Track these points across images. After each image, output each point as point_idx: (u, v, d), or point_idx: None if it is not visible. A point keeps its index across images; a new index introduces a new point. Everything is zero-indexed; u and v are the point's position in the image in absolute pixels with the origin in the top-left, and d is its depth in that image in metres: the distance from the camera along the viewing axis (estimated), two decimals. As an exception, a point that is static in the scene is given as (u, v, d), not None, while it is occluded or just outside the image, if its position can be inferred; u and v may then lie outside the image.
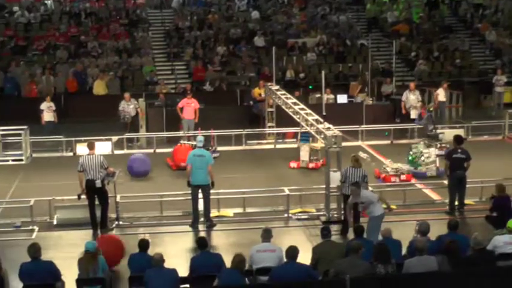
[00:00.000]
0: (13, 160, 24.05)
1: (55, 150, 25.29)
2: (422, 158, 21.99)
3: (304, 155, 23.08)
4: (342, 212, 17.51)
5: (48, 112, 27.47)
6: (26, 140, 24.48)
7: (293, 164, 23.15)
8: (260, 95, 29.15)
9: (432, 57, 37.61)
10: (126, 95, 27.79)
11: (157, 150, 25.55)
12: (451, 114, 31.81)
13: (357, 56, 37.12)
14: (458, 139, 19.13)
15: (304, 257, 13.00)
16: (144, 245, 13.40)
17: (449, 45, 38.76)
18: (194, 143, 20.75)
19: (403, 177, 21.38)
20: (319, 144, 21.53)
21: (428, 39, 39.10)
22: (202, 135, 19.13)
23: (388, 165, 21.84)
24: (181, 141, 23.63)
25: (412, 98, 28.58)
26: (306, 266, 12.75)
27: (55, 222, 18.40)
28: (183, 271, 12.83)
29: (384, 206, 16.34)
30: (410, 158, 22.23)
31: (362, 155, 21.57)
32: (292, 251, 12.61)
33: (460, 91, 33.05)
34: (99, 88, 32.83)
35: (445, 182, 19.13)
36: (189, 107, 27.11)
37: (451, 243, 12.82)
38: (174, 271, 12.45)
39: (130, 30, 38.57)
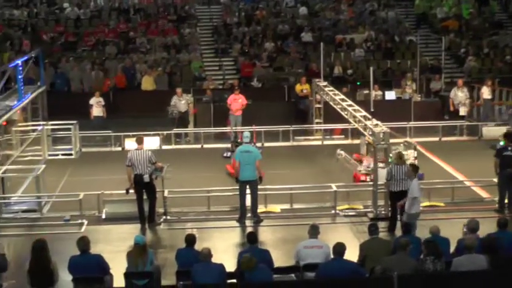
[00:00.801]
0: (63, 154, 24.31)
1: (104, 145, 25.52)
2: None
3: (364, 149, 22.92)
4: (389, 209, 17.42)
5: (97, 107, 27.75)
6: (75, 135, 24.73)
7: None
8: (302, 91, 29.09)
9: (482, 53, 37.17)
10: (178, 90, 27.90)
11: (205, 146, 25.63)
12: (500, 111, 31.39)
13: (406, 52, 36.81)
14: (509, 136, 18.87)
15: (351, 254, 12.94)
16: (191, 239, 13.44)
17: (499, 41, 38.24)
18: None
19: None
20: None
21: (478, 36, 38.64)
22: (249, 131, 19.13)
23: (365, 163, 21.67)
24: None
25: (460, 95, 28.32)
26: (352, 263, 12.69)
27: (104, 216, 18.58)
28: (230, 266, 12.85)
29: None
30: (389, 159, 21.83)
31: (339, 152, 21.50)
32: (339, 248, 12.55)
33: (510, 88, 32.61)
34: (147, 84, 33.01)
35: (495, 179, 18.90)
36: (237, 103, 27.21)
37: (491, 240, 12.64)
38: (221, 266, 12.47)
39: (179, 26, 38.70)
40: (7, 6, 40.16)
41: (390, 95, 30.41)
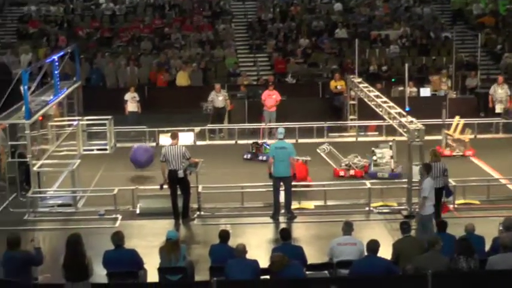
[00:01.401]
0: (98, 149, 24.42)
1: (138, 140, 25.63)
2: (375, 158, 21.45)
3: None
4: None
5: (132, 102, 27.87)
6: (110, 130, 24.84)
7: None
8: (336, 87, 29.00)
9: (519, 50, 36.84)
10: (217, 85, 27.87)
11: (239, 142, 25.66)
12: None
13: (441, 48, 36.56)
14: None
15: (385, 252, 12.89)
16: (224, 235, 13.46)
17: (536, 38, 37.91)
18: (304, 158, 20.74)
19: (351, 172, 21.22)
20: (467, 135, 21.52)
21: (515, 32, 38.32)
22: (284, 128, 19.12)
23: (349, 159, 21.59)
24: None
25: (499, 92, 28.08)
26: (386, 261, 12.65)
27: (138, 211, 18.68)
28: (263, 262, 12.84)
29: None
30: (373, 157, 21.73)
31: (322, 147, 21.41)
32: (373, 245, 12.51)
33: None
34: (181, 79, 33.09)
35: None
36: (271, 99, 27.21)
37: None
38: (255, 262, 12.49)
39: (214, 22, 38.79)
40: (44, 3, 40.53)
41: (425, 92, 30.22)
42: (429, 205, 15.77)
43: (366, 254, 12.66)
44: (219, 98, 27.36)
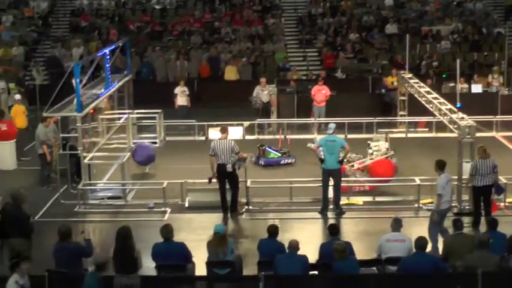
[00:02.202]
0: (147, 143, 24.57)
1: (188, 134, 25.74)
2: (370, 151, 21.08)
3: None
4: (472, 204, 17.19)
5: (181, 96, 27.98)
6: (160, 124, 25.01)
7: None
8: (393, 83, 28.80)
9: None
10: (263, 80, 27.85)
11: (288, 137, 25.61)
12: None
13: (493, 44, 36.12)
14: None
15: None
16: (273, 230, 13.47)
17: None
18: (389, 153, 20.71)
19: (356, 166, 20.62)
20: None
21: None
22: (334, 123, 19.06)
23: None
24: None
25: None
26: (435, 258, 12.60)
27: (186, 204, 18.79)
28: (312, 258, 12.85)
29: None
30: (369, 150, 21.36)
31: (310, 144, 21.16)
32: (421, 242, 12.46)
33: None
34: (230, 74, 33.18)
35: None
36: (320, 94, 27.16)
37: None
38: (304, 257, 12.51)
39: (264, 17, 38.79)
40: (95, -4, 40.91)
41: (476, 88, 29.89)
42: (444, 201, 15.66)
43: (414, 250, 12.60)
44: (264, 93, 27.36)
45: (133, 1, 40.59)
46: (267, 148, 22.86)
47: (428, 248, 12.82)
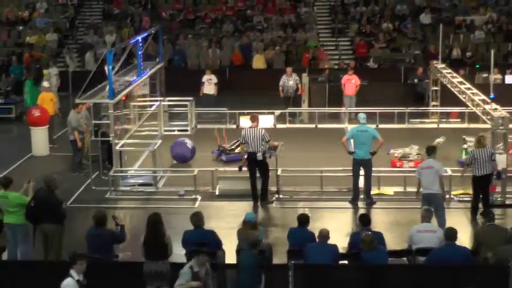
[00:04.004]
0: (178, 130, 24.58)
1: (219, 122, 25.76)
2: (465, 146, 20.97)
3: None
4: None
5: (208, 85, 27.98)
6: (191, 111, 25.02)
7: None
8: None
9: None
10: (289, 69, 27.86)
11: (319, 126, 25.54)
12: None
13: (528, 35, 35.81)
14: None
15: (464, 240, 12.74)
16: (304, 219, 13.49)
17: None
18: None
19: (411, 164, 20.53)
20: None
21: None
22: (365, 113, 18.97)
23: (409, 151, 21.20)
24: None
25: None
26: (466, 249, 12.54)
27: (217, 192, 18.83)
28: (341, 247, 12.84)
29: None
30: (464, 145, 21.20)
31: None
32: (451, 233, 12.44)
33: None
34: (258, 62, 33.19)
35: None
36: (350, 83, 27.10)
37: None
38: (334, 247, 12.51)
39: (296, 5, 38.68)
40: (128, -16, 40.97)
41: (510, 79, 29.60)
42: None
43: (445, 242, 12.55)
44: (289, 82, 27.33)
45: (166, -12, 40.64)
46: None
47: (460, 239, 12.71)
